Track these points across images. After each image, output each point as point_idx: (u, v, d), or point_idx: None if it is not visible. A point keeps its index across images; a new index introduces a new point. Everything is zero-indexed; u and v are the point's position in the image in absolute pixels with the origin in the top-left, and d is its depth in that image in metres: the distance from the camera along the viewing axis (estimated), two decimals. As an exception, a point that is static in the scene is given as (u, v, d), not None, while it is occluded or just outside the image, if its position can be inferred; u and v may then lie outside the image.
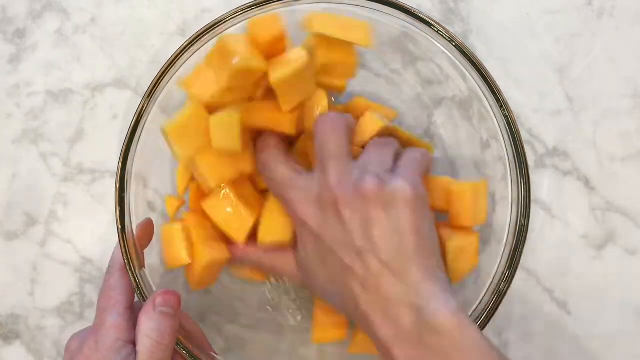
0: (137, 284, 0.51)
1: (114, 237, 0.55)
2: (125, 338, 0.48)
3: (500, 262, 0.56)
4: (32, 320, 0.65)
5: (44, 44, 0.68)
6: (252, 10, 0.55)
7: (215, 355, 0.55)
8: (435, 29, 0.54)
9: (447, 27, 0.66)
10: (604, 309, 0.65)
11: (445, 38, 0.55)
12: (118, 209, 0.53)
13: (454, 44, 0.54)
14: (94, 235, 0.66)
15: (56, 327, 0.65)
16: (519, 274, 0.65)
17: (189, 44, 0.55)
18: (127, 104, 0.67)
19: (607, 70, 0.66)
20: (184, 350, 0.51)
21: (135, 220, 0.56)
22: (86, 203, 0.66)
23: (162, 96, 0.55)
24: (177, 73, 0.55)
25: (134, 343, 0.48)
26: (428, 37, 0.56)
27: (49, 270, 0.65)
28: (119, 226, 0.52)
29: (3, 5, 0.68)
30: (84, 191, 0.66)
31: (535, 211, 0.65)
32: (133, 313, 0.50)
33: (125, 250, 0.52)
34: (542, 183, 0.65)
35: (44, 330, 0.65)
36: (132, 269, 0.51)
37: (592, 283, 0.65)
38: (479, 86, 0.55)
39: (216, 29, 0.55)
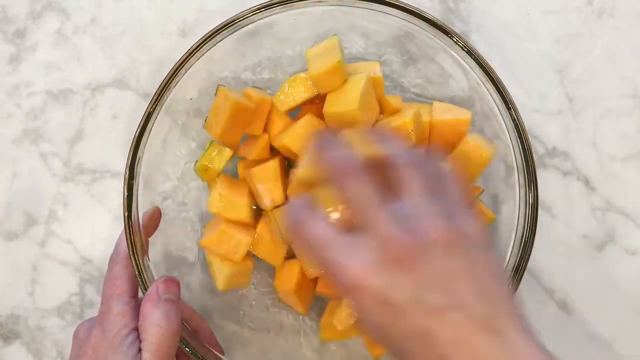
0: (139, 272, 0.51)
1: (114, 237, 0.55)
2: (131, 325, 0.48)
3: (507, 266, 0.55)
4: (32, 321, 0.65)
5: (44, 44, 0.68)
6: (257, 14, 0.55)
7: (221, 356, 0.55)
8: (441, 29, 0.54)
9: (448, 27, 0.67)
10: (604, 309, 0.65)
11: (454, 41, 0.54)
12: (126, 194, 0.53)
13: (460, 44, 0.54)
14: (94, 235, 0.66)
15: (56, 327, 0.65)
16: (519, 274, 0.65)
17: (196, 48, 0.55)
18: (127, 104, 0.66)
19: (607, 70, 0.66)
20: (186, 347, 0.51)
21: (140, 213, 0.57)
22: (86, 203, 0.66)
23: (168, 99, 0.56)
24: (184, 75, 0.56)
25: (137, 330, 0.48)
26: (431, 36, 0.56)
27: (49, 270, 0.65)
28: (126, 213, 0.52)
29: (3, 5, 0.68)
30: (84, 191, 0.66)
31: (535, 211, 0.65)
32: (137, 301, 0.51)
33: (130, 238, 0.52)
34: (543, 183, 0.65)
35: (44, 330, 0.65)
36: (136, 257, 0.52)
37: (592, 283, 0.65)
38: (484, 86, 0.55)
39: (220, 34, 0.55)
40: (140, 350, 0.47)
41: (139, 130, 0.54)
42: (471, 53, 0.54)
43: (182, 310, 0.52)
